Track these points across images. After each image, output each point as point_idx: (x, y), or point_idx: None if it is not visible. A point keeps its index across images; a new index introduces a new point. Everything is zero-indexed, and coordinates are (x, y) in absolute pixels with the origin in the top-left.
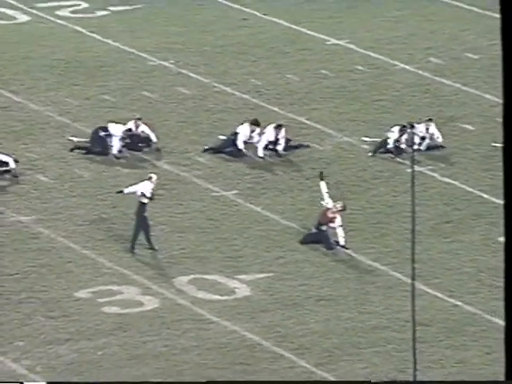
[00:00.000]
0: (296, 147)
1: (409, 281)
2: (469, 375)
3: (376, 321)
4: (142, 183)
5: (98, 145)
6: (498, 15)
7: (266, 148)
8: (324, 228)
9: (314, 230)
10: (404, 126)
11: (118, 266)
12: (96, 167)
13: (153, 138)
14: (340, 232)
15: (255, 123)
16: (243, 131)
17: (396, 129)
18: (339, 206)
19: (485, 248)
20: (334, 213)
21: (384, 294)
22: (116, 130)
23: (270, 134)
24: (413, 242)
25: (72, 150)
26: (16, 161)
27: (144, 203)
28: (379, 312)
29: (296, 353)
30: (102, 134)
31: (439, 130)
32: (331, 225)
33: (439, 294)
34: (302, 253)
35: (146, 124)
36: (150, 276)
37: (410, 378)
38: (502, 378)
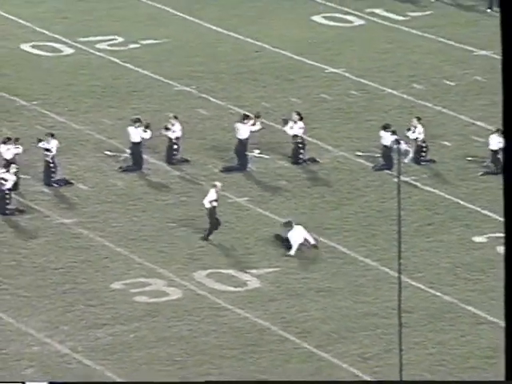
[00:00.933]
0: (309, 160)
1: (395, 274)
2: (446, 355)
3: (367, 309)
4: (211, 191)
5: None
6: (471, 48)
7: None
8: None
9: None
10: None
11: (147, 262)
12: (128, 177)
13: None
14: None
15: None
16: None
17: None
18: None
19: (460, 247)
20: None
21: (374, 285)
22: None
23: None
24: (399, 242)
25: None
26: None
27: (214, 207)
28: (370, 301)
29: (299, 336)
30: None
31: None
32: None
33: (421, 286)
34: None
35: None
36: (174, 270)
37: (396, 357)
38: (501, 377)
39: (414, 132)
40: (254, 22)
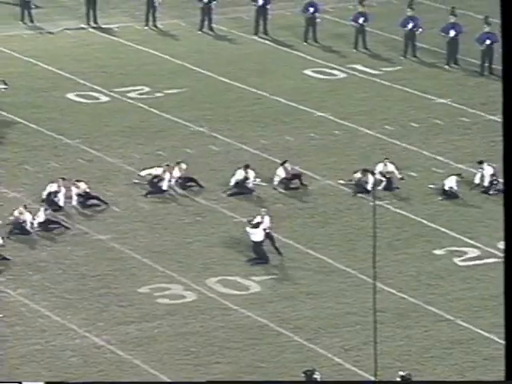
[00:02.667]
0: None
1: (371, 281)
2: (412, 346)
3: (348, 309)
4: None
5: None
6: (432, 97)
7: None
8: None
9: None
10: (366, 171)
11: (168, 270)
12: (153, 201)
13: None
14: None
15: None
16: (240, 176)
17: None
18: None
19: (423, 258)
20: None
21: (354, 290)
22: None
23: (281, 172)
24: (374, 254)
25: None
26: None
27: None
28: (350, 303)
29: (292, 331)
30: (155, 180)
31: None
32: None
33: (392, 290)
34: (295, 261)
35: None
36: (190, 277)
37: (372, 348)
38: (501, 377)
39: (385, 167)
40: (256, 75)
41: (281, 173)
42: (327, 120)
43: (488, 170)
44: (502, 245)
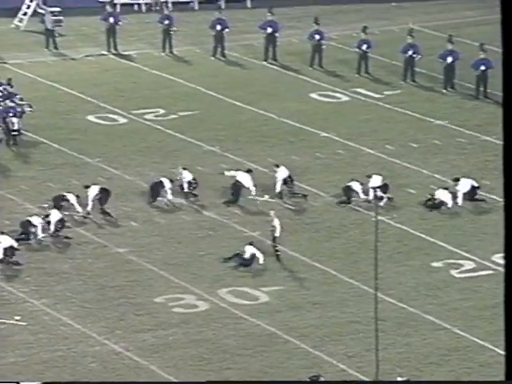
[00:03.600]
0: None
1: (373, 291)
2: (411, 353)
3: (351, 318)
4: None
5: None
6: (430, 119)
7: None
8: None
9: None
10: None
11: (182, 282)
12: (167, 216)
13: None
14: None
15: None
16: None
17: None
18: None
19: (422, 270)
20: None
21: (356, 300)
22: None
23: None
24: (376, 266)
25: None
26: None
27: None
28: (353, 312)
29: (299, 339)
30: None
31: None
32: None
33: (392, 300)
34: (302, 273)
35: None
36: (203, 288)
37: (374, 355)
38: (500, 376)
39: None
40: (265, 98)
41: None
42: (331, 140)
43: (465, 185)
44: (496, 258)
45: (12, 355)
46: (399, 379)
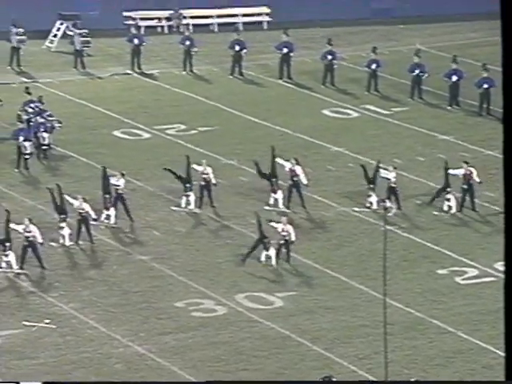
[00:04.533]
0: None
1: (381, 297)
2: (418, 355)
3: (361, 322)
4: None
5: None
6: (436, 134)
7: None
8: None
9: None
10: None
11: (201, 287)
12: (187, 225)
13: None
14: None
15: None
16: None
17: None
18: None
19: (428, 277)
20: None
21: (366, 305)
22: None
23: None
24: (384, 273)
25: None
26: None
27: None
28: (363, 316)
29: (311, 341)
30: None
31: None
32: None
33: (400, 305)
34: (314, 279)
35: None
36: (221, 293)
37: (382, 357)
38: (501, 377)
39: (388, 173)
40: (280, 114)
41: (285, 164)
42: (342, 154)
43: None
44: (498, 265)
45: (42, 356)
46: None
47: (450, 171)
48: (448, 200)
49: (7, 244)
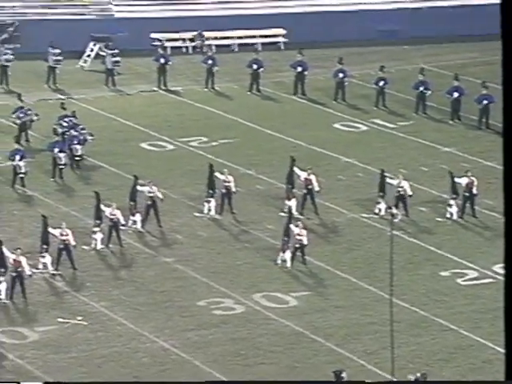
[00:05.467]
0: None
1: (388, 297)
2: (422, 351)
3: (369, 320)
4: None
5: None
6: (439, 146)
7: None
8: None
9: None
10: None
11: (222, 287)
12: (208, 230)
13: None
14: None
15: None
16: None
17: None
18: None
19: (431, 278)
20: None
21: (374, 304)
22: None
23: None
24: (391, 275)
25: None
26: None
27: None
28: (371, 314)
29: (323, 338)
30: None
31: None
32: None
33: (405, 305)
34: (326, 280)
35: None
36: (239, 293)
37: (389, 353)
38: (500, 372)
39: (397, 182)
40: (294, 128)
41: (301, 174)
42: (352, 164)
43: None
44: (496, 268)
45: (75, 350)
46: (411, 378)
47: (456, 179)
48: (450, 206)
49: (44, 247)
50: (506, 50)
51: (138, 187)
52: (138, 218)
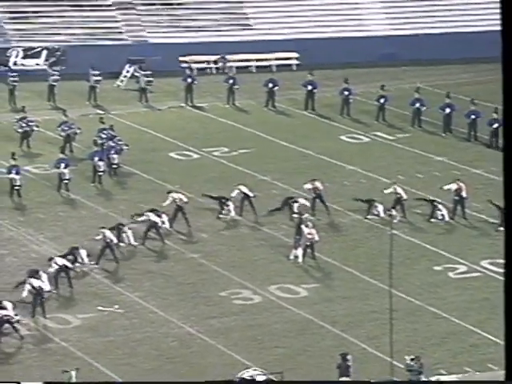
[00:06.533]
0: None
1: (388, 288)
2: (417, 336)
3: (371, 308)
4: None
5: None
6: (432, 155)
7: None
8: None
9: None
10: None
11: (241, 280)
12: (230, 229)
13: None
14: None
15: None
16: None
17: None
18: None
19: (426, 272)
20: None
21: (375, 295)
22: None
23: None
24: (390, 268)
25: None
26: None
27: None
28: (373, 304)
29: (330, 324)
30: None
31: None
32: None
33: (403, 295)
34: (333, 274)
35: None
36: (257, 285)
37: (388, 337)
38: (484, 353)
39: (391, 191)
40: (305, 139)
41: (308, 186)
42: (356, 172)
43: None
44: (483, 263)
45: (112, 335)
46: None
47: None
48: (440, 210)
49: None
50: (505, 47)
51: (175, 194)
52: (165, 218)
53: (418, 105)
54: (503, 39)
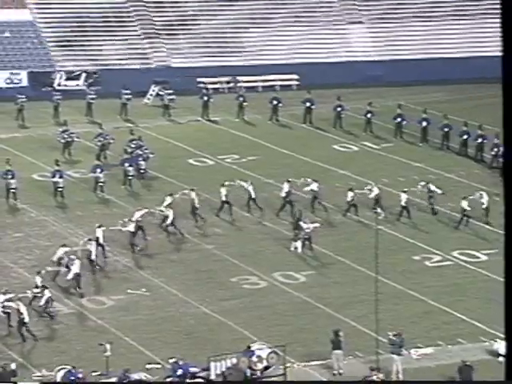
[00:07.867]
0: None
1: (374, 275)
2: (399, 316)
3: (360, 292)
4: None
5: None
6: (411, 162)
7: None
8: None
9: None
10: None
11: (249, 268)
12: (239, 225)
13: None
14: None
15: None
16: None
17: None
18: None
19: (406, 261)
20: None
21: (364, 280)
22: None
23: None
24: (376, 258)
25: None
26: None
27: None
28: (361, 288)
29: (325, 306)
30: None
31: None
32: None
33: (387, 281)
34: (328, 263)
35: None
36: (263, 271)
37: (374, 316)
38: (453, 330)
39: (370, 192)
40: (303, 148)
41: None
42: (346, 176)
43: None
44: (455, 253)
45: (140, 314)
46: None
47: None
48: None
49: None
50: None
51: (192, 194)
52: (170, 215)
53: (399, 119)
54: (504, 60)
